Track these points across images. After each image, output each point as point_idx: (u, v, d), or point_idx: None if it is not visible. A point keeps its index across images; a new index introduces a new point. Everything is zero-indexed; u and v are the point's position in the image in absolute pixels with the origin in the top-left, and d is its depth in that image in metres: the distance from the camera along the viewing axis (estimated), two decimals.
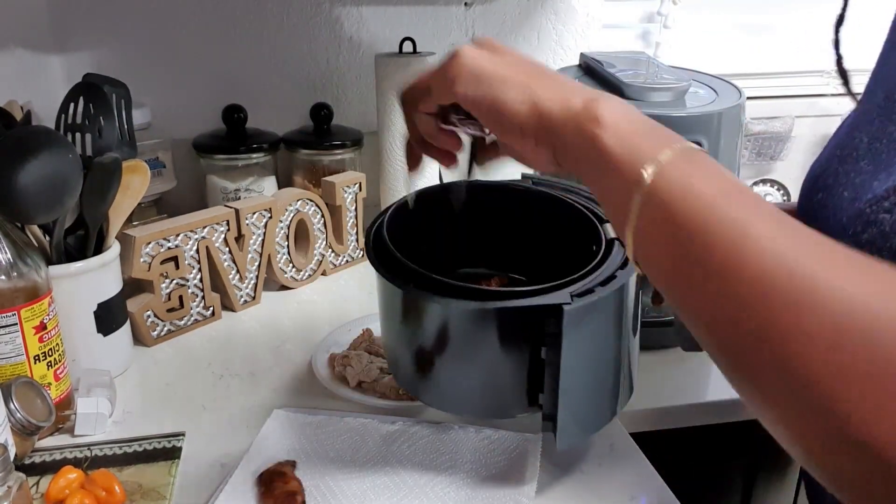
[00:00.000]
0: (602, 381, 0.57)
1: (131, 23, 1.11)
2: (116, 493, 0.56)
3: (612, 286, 0.53)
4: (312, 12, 1.16)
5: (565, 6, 1.24)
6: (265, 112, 1.15)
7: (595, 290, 0.52)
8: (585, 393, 0.55)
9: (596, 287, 0.53)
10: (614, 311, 0.55)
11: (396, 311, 0.59)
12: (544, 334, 0.52)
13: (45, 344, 0.64)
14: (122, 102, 0.76)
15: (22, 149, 0.62)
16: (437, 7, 1.20)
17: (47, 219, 0.67)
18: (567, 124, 0.41)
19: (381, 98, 1.03)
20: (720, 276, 0.33)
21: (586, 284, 0.53)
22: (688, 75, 0.89)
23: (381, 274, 0.56)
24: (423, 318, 0.57)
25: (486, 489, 0.58)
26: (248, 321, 0.89)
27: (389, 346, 0.64)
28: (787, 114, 1.32)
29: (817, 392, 0.30)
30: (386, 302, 0.61)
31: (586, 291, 0.52)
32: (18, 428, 0.59)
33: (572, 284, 0.53)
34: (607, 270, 0.54)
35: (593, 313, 0.52)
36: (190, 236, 0.83)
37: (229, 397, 0.73)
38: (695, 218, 0.35)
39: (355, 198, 1.01)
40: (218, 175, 1.09)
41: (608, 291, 0.52)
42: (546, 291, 0.52)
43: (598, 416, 0.58)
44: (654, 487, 0.60)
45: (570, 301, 0.50)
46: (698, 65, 0.96)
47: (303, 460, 0.61)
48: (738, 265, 0.33)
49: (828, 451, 0.31)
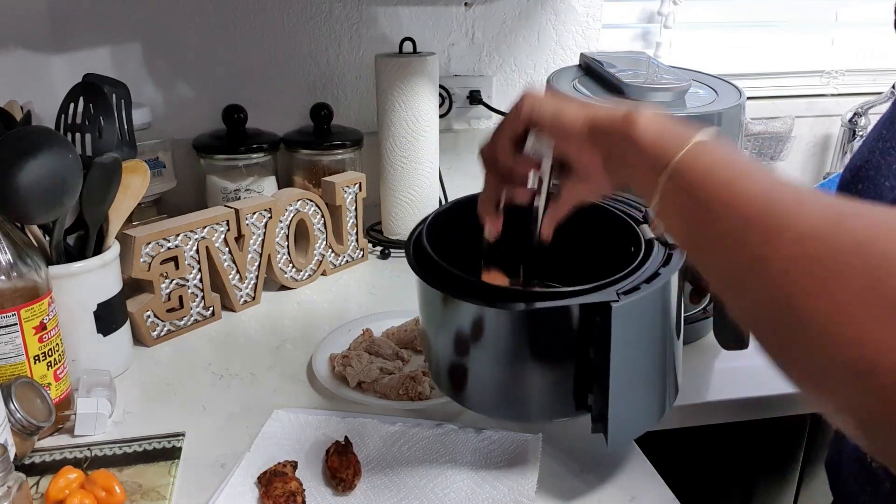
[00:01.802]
0: (650, 379, 0.57)
1: (131, 23, 1.10)
2: (116, 493, 0.56)
3: (657, 283, 0.53)
4: (312, 12, 1.16)
5: (565, 6, 1.24)
6: (265, 112, 1.16)
7: (641, 288, 0.53)
8: (634, 391, 0.56)
9: (641, 284, 0.53)
10: (660, 309, 0.55)
11: (441, 318, 0.59)
12: (591, 334, 0.52)
13: (45, 344, 0.64)
14: (122, 102, 0.76)
15: (22, 149, 0.62)
16: (437, 7, 1.20)
17: (47, 219, 0.67)
18: (613, 129, 0.47)
19: (381, 98, 1.03)
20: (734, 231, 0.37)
21: (631, 283, 0.54)
22: (688, 75, 0.89)
23: (426, 282, 0.57)
24: (468, 324, 0.56)
25: (486, 489, 0.58)
26: (248, 321, 0.89)
27: (434, 355, 0.63)
28: (787, 114, 1.32)
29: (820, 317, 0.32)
30: (429, 310, 0.61)
31: (632, 289, 0.52)
32: (18, 428, 0.59)
33: (617, 283, 0.53)
34: (650, 269, 0.55)
35: (640, 310, 0.53)
36: (190, 236, 0.83)
37: (229, 397, 0.73)
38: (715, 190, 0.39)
39: (355, 198, 1.01)
40: (218, 175, 1.09)
41: (654, 288, 0.53)
42: (592, 291, 0.52)
43: (647, 414, 0.58)
44: (654, 487, 0.60)
45: (618, 298, 0.51)
46: (698, 65, 0.95)
47: (303, 460, 0.61)
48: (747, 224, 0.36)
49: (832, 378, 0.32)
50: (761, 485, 0.93)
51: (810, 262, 0.32)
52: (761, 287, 0.35)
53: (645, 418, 0.58)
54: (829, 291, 0.31)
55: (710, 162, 0.41)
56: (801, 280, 0.33)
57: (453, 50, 1.23)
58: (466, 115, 1.26)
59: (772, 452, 0.90)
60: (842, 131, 1.33)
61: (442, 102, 1.21)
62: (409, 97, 1.01)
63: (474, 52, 1.24)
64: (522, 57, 1.26)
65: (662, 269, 0.55)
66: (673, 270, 0.55)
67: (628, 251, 0.60)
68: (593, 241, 0.65)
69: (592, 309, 0.52)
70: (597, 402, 0.55)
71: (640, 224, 0.62)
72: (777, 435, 0.89)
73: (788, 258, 0.33)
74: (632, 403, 0.56)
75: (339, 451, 0.60)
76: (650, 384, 0.57)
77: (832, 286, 0.31)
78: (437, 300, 0.58)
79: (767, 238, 0.35)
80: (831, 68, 1.40)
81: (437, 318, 0.60)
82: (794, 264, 0.33)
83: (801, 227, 0.34)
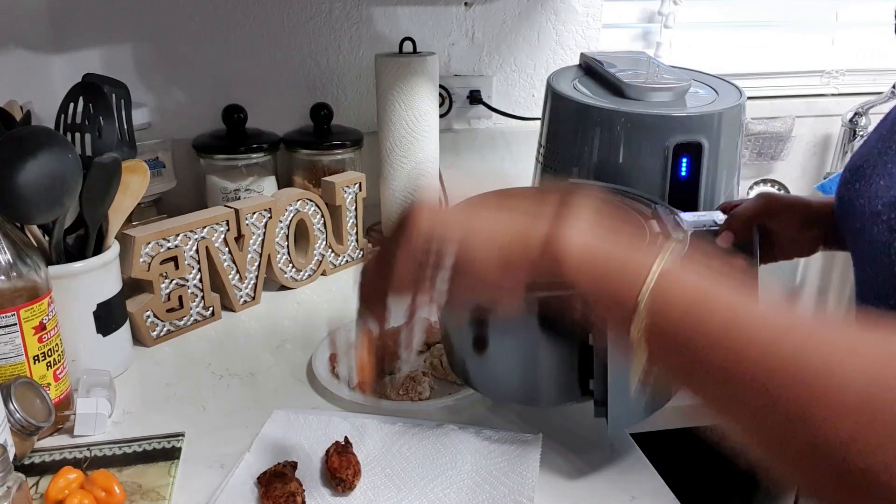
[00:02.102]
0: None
1: (131, 23, 1.10)
2: (116, 493, 0.56)
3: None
4: (312, 12, 1.16)
5: (565, 6, 1.24)
6: (265, 112, 1.15)
7: None
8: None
9: None
10: None
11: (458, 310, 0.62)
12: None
13: (45, 344, 0.64)
14: (122, 102, 0.76)
15: (22, 149, 0.62)
16: (437, 7, 1.20)
17: (47, 219, 0.67)
18: (536, 265, 0.41)
19: (381, 98, 1.03)
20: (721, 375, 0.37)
21: None
22: (688, 75, 0.89)
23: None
24: (482, 315, 0.59)
25: (486, 489, 0.58)
26: (248, 321, 0.89)
27: (445, 339, 0.70)
28: (787, 114, 1.32)
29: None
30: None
31: None
32: (18, 428, 0.59)
33: None
34: None
35: None
36: (190, 236, 0.83)
37: (229, 397, 0.73)
38: (701, 344, 0.37)
39: (355, 198, 1.01)
40: (218, 175, 1.09)
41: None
42: None
43: (648, 400, 0.60)
44: (654, 487, 0.60)
45: None
46: (698, 65, 0.96)
47: (303, 460, 0.61)
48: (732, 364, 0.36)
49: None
50: (761, 485, 0.93)
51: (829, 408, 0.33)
52: (786, 435, 0.35)
53: (646, 404, 0.60)
54: (866, 437, 0.32)
55: (675, 303, 0.38)
56: (828, 427, 0.33)
57: (453, 50, 1.23)
58: (466, 115, 1.26)
59: None
60: (842, 131, 1.33)
61: (442, 102, 1.21)
62: (409, 97, 1.01)
63: (474, 51, 1.24)
64: (522, 57, 1.26)
65: None
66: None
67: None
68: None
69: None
70: (597, 385, 0.57)
71: (648, 220, 0.62)
72: None
73: (806, 407, 0.34)
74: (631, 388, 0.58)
75: (339, 451, 0.60)
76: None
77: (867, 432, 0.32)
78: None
79: (775, 387, 0.35)
80: (831, 68, 1.40)
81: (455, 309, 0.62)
82: (815, 411, 0.34)
83: (811, 373, 0.34)
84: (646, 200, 0.66)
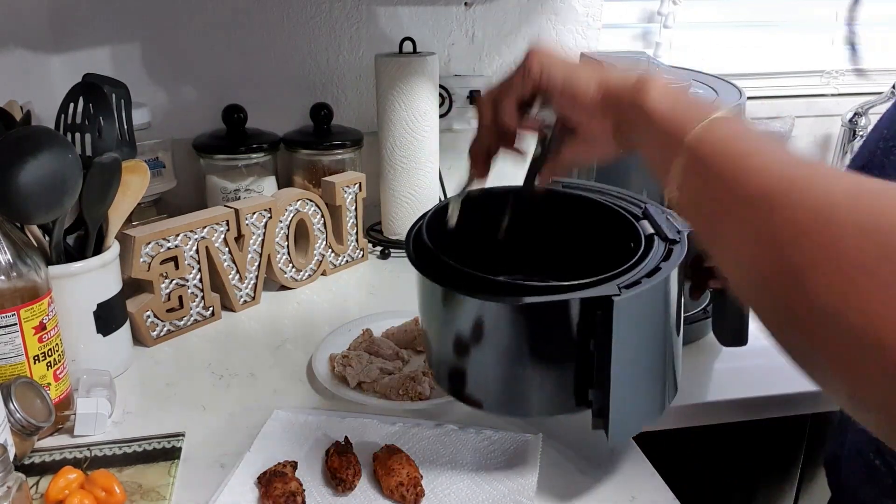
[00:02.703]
0: (650, 375, 0.57)
1: (131, 23, 1.10)
2: (116, 493, 0.56)
3: (659, 277, 0.54)
4: (312, 12, 1.16)
5: (565, 6, 1.24)
6: (265, 112, 1.15)
7: (642, 282, 0.53)
8: (635, 386, 0.56)
9: (643, 279, 0.53)
10: (661, 303, 0.55)
11: (440, 313, 0.59)
12: (592, 329, 0.53)
13: (45, 344, 0.64)
14: (122, 102, 0.76)
15: (22, 149, 0.62)
16: (437, 7, 1.20)
17: (47, 219, 0.67)
18: (623, 96, 0.48)
19: (381, 98, 1.03)
20: (751, 209, 0.37)
21: (633, 277, 0.54)
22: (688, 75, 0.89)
23: (427, 276, 0.57)
24: (469, 318, 0.56)
25: (486, 489, 0.58)
26: (248, 321, 0.89)
27: (433, 352, 0.63)
28: (787, 114, 1.32)
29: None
30: (429, 305, 0.61)
31: (634, 283, 0.53)
32: (18, 428, 0.59)
33: (619, 277, 0.53)
34: (651, 263, 0.55)
35: (641, 305, 0.53)
36: (190, 236, 0.83)
37: (229, 397, 0.73)
38: (730, 170, 0.40)
39: (355, 198, 1.01)
40: (218, 175, 1.09)
41: (655, 282, 0.53)
42: (594, 285, 0.52)
43: (647, 410, 0.58)
44: (654, 487, 0.60)
45: (619, 292, 0.51)
46: (698, 65, 0.95)
47: (303, 460, 0.61)
48: (767, 196, 0.36)
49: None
50: (761, 485, 0.93)
51: (821, 235, 0.32)
52: (770, 259, 0.35)
53: (645, 414, 0.58)
54: (838, 266, 0.31)
55: (725, 136, 0.41)
56: (811, 252, 0.32)
57: (453, 50, 1.23)
58: (466, 115, 1.26)
59: (772, 453, 0.90)
60: (842, 131, 1.33)
61: (442, 102, 1.21)
62: (409, 97, 1.01)
63: (474, 52, 1.24)
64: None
65: (663, 264, 0.55)
66: (674, 265, 0.55)
67: (628, 247, 0.60)
68: (593, 237, 0.65)
69: (594, 303, 0.51)
70: (598, 396, 0.54)
71: (639, 220, 0.62)
72: (777, 435, 0.89)
73: (800, 231, 0.33)
74: (632, 398, 0.56)
75: (339, 451, 0.60)
76: (650, 379, 0.57)
77: (841, 260, 0.31)
78: (437, 294, 0.57)
79: (779, 209, 0.35)
80: (831, 68, 1.40)
81: (437, 313, 0.60)
82: (806, 236, 0.33)
83: (815, 201, 0.34)
84: (637, 201, 0.66)
